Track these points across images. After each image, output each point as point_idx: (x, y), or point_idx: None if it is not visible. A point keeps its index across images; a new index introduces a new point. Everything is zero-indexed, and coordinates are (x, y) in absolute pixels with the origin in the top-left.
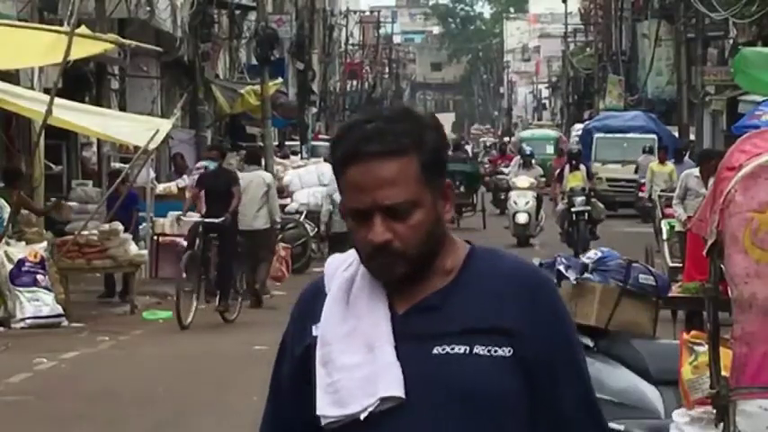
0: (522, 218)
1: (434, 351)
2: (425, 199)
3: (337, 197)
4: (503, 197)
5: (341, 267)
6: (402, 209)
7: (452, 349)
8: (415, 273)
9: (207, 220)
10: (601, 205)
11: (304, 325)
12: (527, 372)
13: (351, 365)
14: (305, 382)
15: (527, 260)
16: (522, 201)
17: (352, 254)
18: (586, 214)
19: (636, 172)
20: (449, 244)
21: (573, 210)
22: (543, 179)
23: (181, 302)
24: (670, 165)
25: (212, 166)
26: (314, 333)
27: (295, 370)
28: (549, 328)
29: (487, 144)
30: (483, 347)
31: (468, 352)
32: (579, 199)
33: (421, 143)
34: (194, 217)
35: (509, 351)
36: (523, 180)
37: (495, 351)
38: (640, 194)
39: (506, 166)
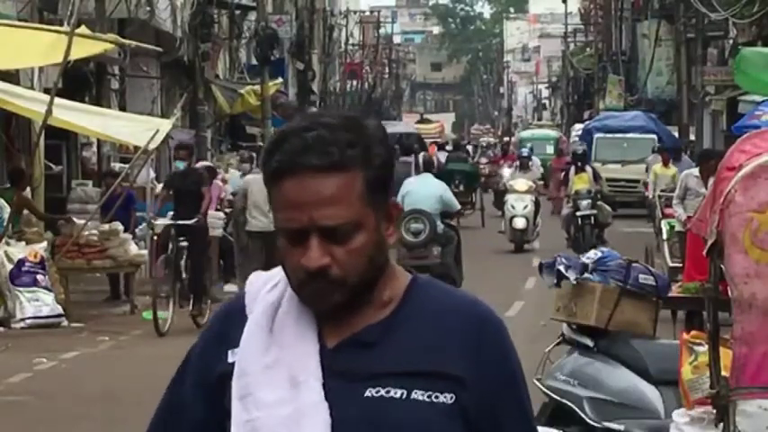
0: (519, 222)
1: (367, 393)
2: (368, 220)
3: None
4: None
5: (265, 287)
6: (342, 231)
7: (387, 392)
8: (352, 302)
9: (178, 222)
10: (608, 208)
11: (219, 349)
12: (470, 418)
13: (272, 402)
14: (211, 415)
15: (471, 294)
16: (519, 205)
17: (278, 272)
18: (592, 218)
19: (647, 171)
20: (389, 272)
21: (578, 214)
22: (542, 182)
23: (157, 308)
24: (673, 168)
25: (182, 166)
26: (230, 359)
27: (203, 399)
28: (495, 368)
29: (483, 144)
30: (422, 392)
31: (405, 397)
32: (585, 202)
33: (367, 157)
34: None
35: (451, 398)
36: (521, 183)
37: (436, 397)
38: (647, 194)
39: (510, 167)
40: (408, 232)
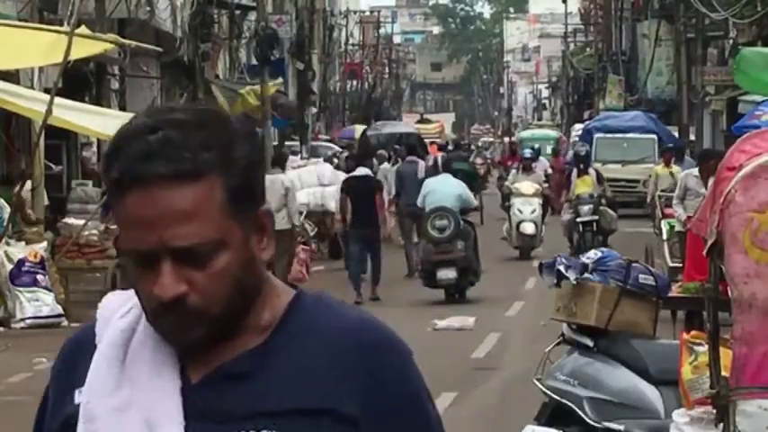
0: (528, 228)
1: None
2: (233, 236)
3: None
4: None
5: (119, 312)
6: (200, 252)
7: None
8: (219, 334)
9: None
10: (612, 213)
11: (64, 388)
12: None
13: None
14: None
15: (368, 314)
16: (527, 209)
17: (133, 295)
18: (594, 224)
19: None
20: (267, 291)
21: (578, 220)
22: (546, 184)
23: None
24: (676, 167)
25: None
26: (76, 400)
27: None
28: (395, 402)
29: (479, 145)
30: None
31: None
32: (586, 208)
33: (228, 160)
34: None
35: None
36: (528, 186)
37: None
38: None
39: (516, 168)
40: (434, 228)
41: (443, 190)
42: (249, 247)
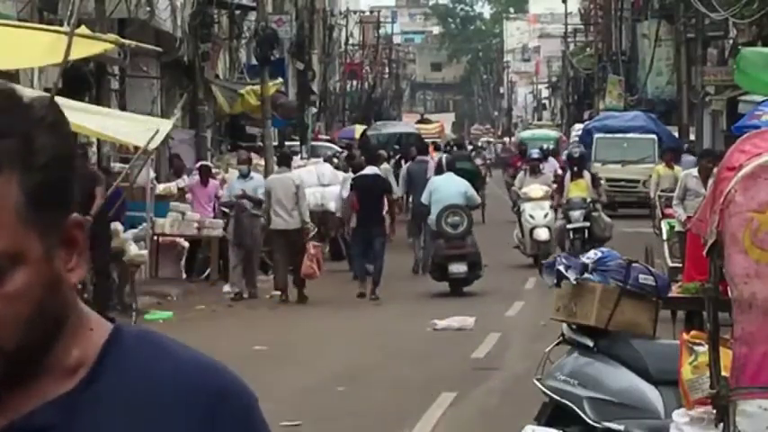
0: (542, 234)
1: None
2: (32, 249)
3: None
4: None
5: None
6: None
7: None
8: (15, 373)
9: None
10: (607, 219)
11: None
12: None
13: None
14: None
15: (203, 355)
16: (539, 213)
17: None
18: (585, 231)
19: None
20: (76, 323)
21: (569, 226)
22: (556, 185)
23: None
24: (677, 167)
25: None
26: None
27: None
28: None
29: (479, 145)
30: None
31: None
32: (577, 213)
33: (27, 152)
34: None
35: None
36: (537, 189)
37: None
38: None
39: (524, 170)
40: (448, 225)
41: (449, 188)
42: (53, 264)
